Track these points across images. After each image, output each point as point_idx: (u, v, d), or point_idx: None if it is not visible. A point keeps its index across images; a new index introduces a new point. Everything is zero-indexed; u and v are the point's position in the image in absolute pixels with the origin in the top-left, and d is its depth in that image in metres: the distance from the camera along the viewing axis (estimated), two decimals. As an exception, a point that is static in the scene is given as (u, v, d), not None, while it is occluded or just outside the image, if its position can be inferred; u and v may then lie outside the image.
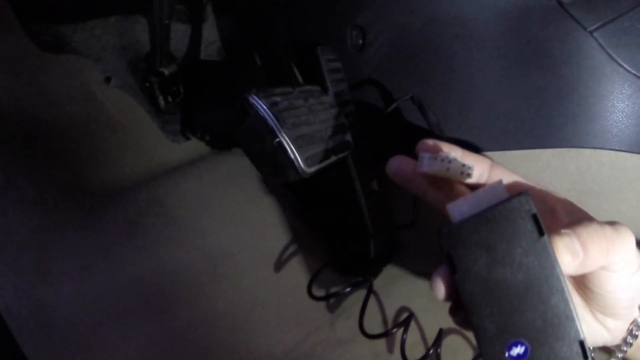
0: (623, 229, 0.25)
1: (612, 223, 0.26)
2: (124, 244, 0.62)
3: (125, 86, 0.68)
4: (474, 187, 0.31)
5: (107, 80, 0.67)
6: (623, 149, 0.41)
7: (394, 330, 0.56)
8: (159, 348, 0.59)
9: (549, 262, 0.22)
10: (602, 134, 0.41)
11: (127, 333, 0.58)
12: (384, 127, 0.73)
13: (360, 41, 0.62)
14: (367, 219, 0.68)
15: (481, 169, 0.30)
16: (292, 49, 0.73)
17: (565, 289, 0.22)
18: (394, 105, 0.53)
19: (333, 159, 0.59)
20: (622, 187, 0.42)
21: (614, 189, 0.42)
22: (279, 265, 0.70)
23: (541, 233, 0.22)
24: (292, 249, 0.72)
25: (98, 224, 0.63)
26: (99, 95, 0.67)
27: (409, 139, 0.34)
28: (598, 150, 0.41)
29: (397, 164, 0.31)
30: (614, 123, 0.41)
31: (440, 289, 0.26)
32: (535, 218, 0.22)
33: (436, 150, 0.29)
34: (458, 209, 0.24)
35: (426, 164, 0.27)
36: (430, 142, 0.30)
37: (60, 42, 0.64)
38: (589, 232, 0.24)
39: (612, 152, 0.41)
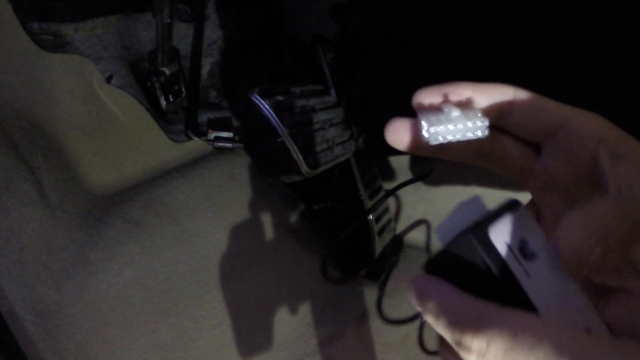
0: None
1: None
2: (126, 244, 0.62)
3: (127, 85, 0.68)
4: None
5: (108, 79, 0.66)
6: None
7: (416, 316, 0.56)
8: (163, 348, 0.59)
9: None
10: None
11: (130, 333, 0.58)
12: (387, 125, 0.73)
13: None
14: (371, 218, 0.68)
15: (499, 110, 0.23)
16: (294, 48, 0.73)
17: None
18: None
19: (336, 159, 0.59)
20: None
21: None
22: (281, 264, 0.70)
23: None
24: (294, 249, 0.72)
25: (100, 224, 0.63)
26: (100, 95, 0.66)
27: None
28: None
29: (395, 135, 0.26)
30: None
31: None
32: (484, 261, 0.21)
33: (440, 102, 0.24)
34: (444, 229, 0.23)
35: (427, 135, 0.22)
36: (428, 94, 0.24)
37: (61, 42, 0.63)
38: None
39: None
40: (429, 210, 0.77)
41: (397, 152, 0.75)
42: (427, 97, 0.24)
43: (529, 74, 0.56)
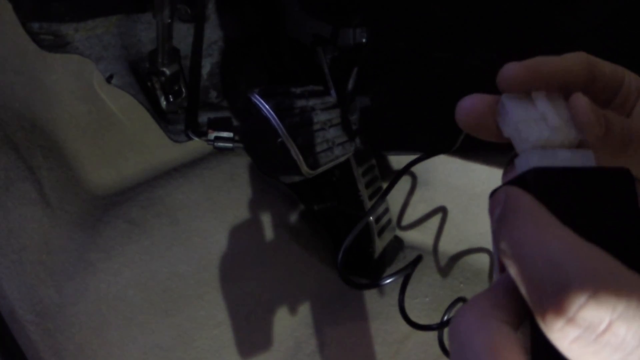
0: None
1: None
2: (126, 244, 0.62)
3: (127, 86, 0.67)
4: None
5: (109, 79, 0.66)
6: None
7: (445, 319, 0.56)
8: (163, 348, 0.59)
9: None
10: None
11: (130, 333, 0.58)
12: (386, 125, 0.73)
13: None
14: (371, 219, 0.68)
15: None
16: (294, 48, 0.73)
17: None
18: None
19: (336, 159, 0.59)
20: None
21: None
22: (281, 265, 0.70)
23: None
24: (294, 249, 0.72)
25: (100, 224, 0.63)
26: (100, 95, 0.66)
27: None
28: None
29: (470, 118, 0.20)
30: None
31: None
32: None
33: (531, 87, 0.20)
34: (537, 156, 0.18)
35: (508, 123, 0.19)
36: (517, 68, 0.19)
37: (62, 42, 0.63)
38: None
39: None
40: (429, 210, 0.77)
41: (397, 152, 0.75)
42: (514, 77, 0.19)
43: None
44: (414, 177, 0.76)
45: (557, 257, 0.13)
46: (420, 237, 0.79)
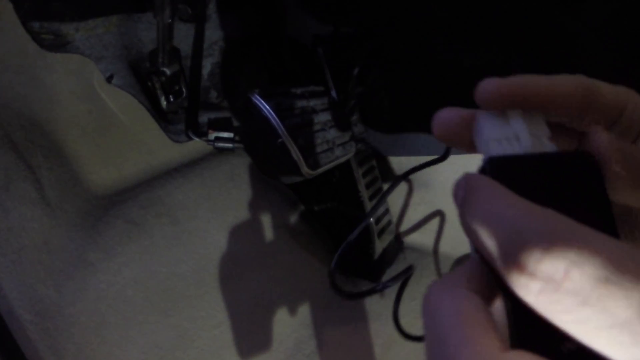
0: None
1: None
2: (126, 243, 0.62)
3: (127, 85, 0.67)
4: None
5: (109, 79, 0.66)
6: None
7: None
8: (162, 348, 0.59)
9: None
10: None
11: (130, 333, 0.58)
12: (388, 124, 0.73)
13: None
14: (371, 220, 0.68)
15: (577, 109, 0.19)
16: (294, 48, 0.73)
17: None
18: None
19: (336, 160, 0.59)
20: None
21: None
22: (281, 265, 0.70)
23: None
24: (294, 249, 0.72)
25: (100, 224, 0.63)
26: (100, 95, 0.66)
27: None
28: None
29: (444, 130, 0.21)
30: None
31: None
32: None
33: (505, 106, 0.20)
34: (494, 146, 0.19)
35: (481, 141, 0.19)
36: (493, 89, 0.19)
37: (62, 41, 0.63)
38: None
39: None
40: (429, 212, 0.77)
41: (397, 153, 0.75)
42: (491, 94, 0.19)
43: (531, 73, 0.56)
44: (413, 179, 0.76)
45: (513, 222, 0.15)
46: (419, 238, 0.79)
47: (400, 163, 0.76)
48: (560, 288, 0.13)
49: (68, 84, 0.64)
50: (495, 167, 0.18)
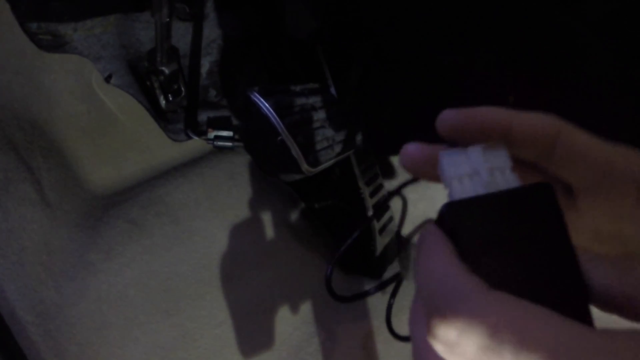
0: None
1: None
2: (126, 244, 0.62)
3: (126, 85, 0.67)
4: None
5: (108, 79, 0.66)
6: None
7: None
8: (164, 348, 0.59)
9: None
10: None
11: (131, 333, 0.58)
12: (388, 124, 0.73)
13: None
14: (372, 217, 0.68)
15: (540, 147, 0.19)
16: (294, 46, 0.73)
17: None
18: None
19: (336, 157, 0.59)
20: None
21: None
22: (282, 264, 0.70)
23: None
24: (295, 248, 0.72)
25: (100, 224, 0.62)
26: (99, 95, 0.66)
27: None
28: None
29: (410, 163, 0.22)
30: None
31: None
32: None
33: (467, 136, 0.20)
34: (459, 187, 0.19)
35: (444, 178, 0.20)
36: (455, 120, 0.20)
37: (60, 41, 0.63)
38: None
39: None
40: (429, 209, 0.77)
41: (397, 152, 0.74)
42: (452, 125, 0.20)
43: (531, 74, 0.56)
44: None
45: (434, 285, 0.16)
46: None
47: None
48: (453, 352, 0.15)
49: (67, 84, 0.64)
50: (450, 215, 0.18)
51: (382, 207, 0.73)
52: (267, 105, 0.53)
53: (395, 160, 0.77)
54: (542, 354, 0.13)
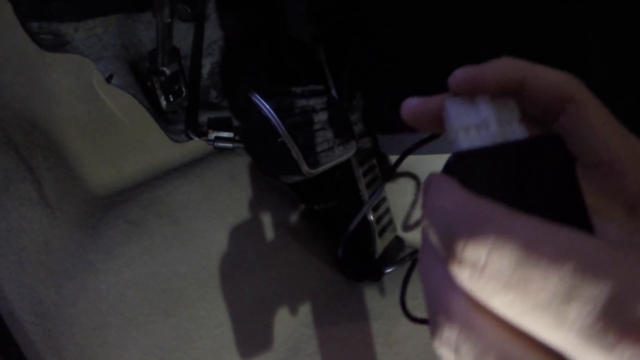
0: None
1: None
2: (126, 244, 0.62)
3: (127, 85, 0.67)
4: None
5: (109, 79, 0.66)
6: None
7: None
8: (163, 348, 0.59)
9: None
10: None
11: (130, 333, 0.58)
12: (388, 125, 0.73)
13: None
14: (372, 219, 0.68)
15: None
16: (294, 47, 0.73)
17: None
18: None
19: (337, 159, 0.59)
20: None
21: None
22: (282, 264, 0.70)
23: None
24: (295, 248, 0.72)
25: (100, 224, 0.62)
26: (100, 95, 0.66)
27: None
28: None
29: (412, 109, 0.22)
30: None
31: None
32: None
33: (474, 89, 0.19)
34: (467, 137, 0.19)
35: (450, 129, 0.19)
36: (464, 77, 0.19)
37: (61, 41, 0.63)
38: None
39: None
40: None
41: (397, 152, 0.74)
42: (465, 79, 0.20)
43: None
44: (415, 178, 0.76)
45: (449, 214, 0.15)
46: (420, 237, 0.79)
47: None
48: (484, 273, 0.14)
49: (67, 84, 0.64)
50: (458, 164, 0.17)
51: (382, 209, 0.73)
52: (267, 106, 0.53)
53: (394, 160, 0.77)
54: (582, 262, 0.12)
